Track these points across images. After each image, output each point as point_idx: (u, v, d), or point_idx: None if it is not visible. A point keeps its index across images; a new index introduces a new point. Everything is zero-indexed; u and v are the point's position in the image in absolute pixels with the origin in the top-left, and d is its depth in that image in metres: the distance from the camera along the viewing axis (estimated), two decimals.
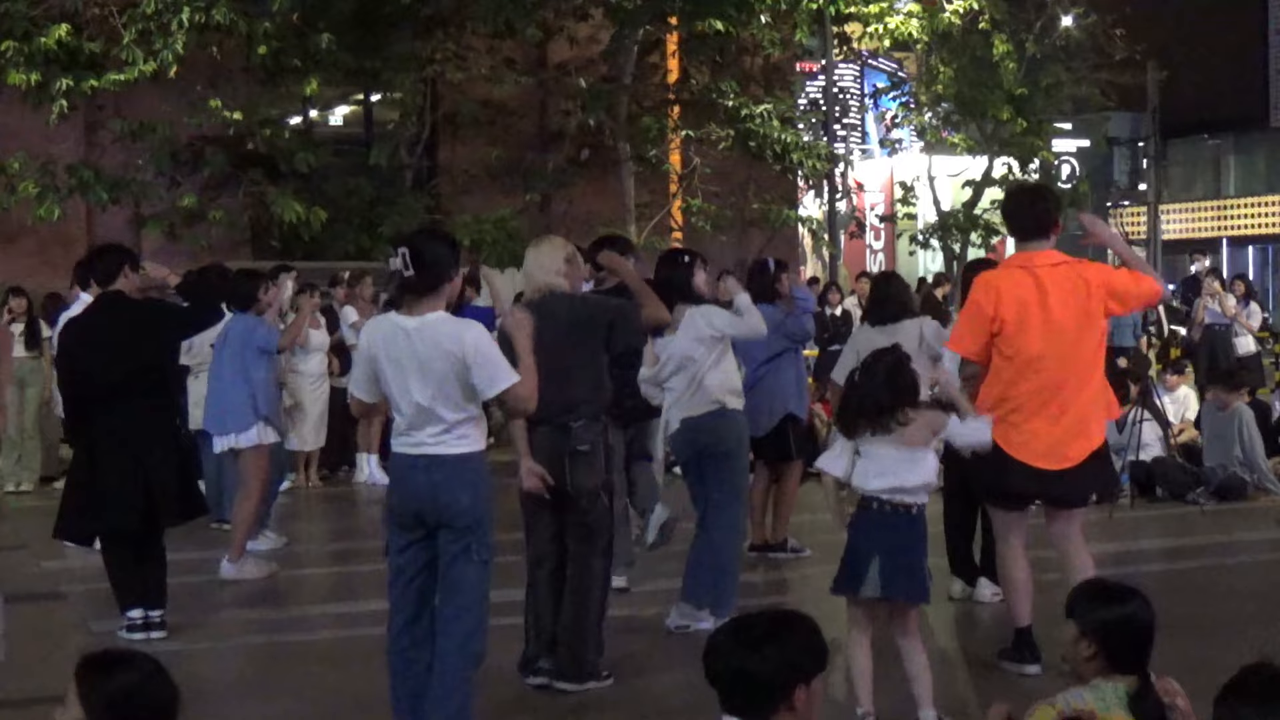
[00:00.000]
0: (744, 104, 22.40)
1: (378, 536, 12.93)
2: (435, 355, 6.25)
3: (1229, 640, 8.10)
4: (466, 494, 6.32)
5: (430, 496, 6.35)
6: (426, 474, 6.36)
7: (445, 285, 6.37)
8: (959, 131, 28.44)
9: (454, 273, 6.42)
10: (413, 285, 6.31)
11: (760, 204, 24.19)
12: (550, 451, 7.62)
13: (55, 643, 8.93)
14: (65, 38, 19.39)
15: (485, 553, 6.39)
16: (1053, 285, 7.43)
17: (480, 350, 6.24)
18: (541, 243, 8.11)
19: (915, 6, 26.28)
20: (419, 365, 6.27)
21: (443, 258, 6.37)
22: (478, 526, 6.36)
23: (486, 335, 6.37)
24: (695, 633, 8.54)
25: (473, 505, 6.34)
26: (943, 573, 9.42)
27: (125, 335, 8.78)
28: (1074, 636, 4.59)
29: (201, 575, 10.77)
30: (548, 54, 23.48)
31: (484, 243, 20.72)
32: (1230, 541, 11.91)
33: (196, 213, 20.42)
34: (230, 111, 20.00)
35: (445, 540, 6.39)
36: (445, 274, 6.36)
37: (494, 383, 6.25)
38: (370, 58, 21.12)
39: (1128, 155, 40.83)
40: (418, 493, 6.39)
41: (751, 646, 3.91)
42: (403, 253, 6.27)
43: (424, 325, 6.30)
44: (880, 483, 6.63)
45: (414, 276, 6.28)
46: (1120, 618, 4.56)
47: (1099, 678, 4.54)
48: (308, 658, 8.85)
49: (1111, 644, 4.53)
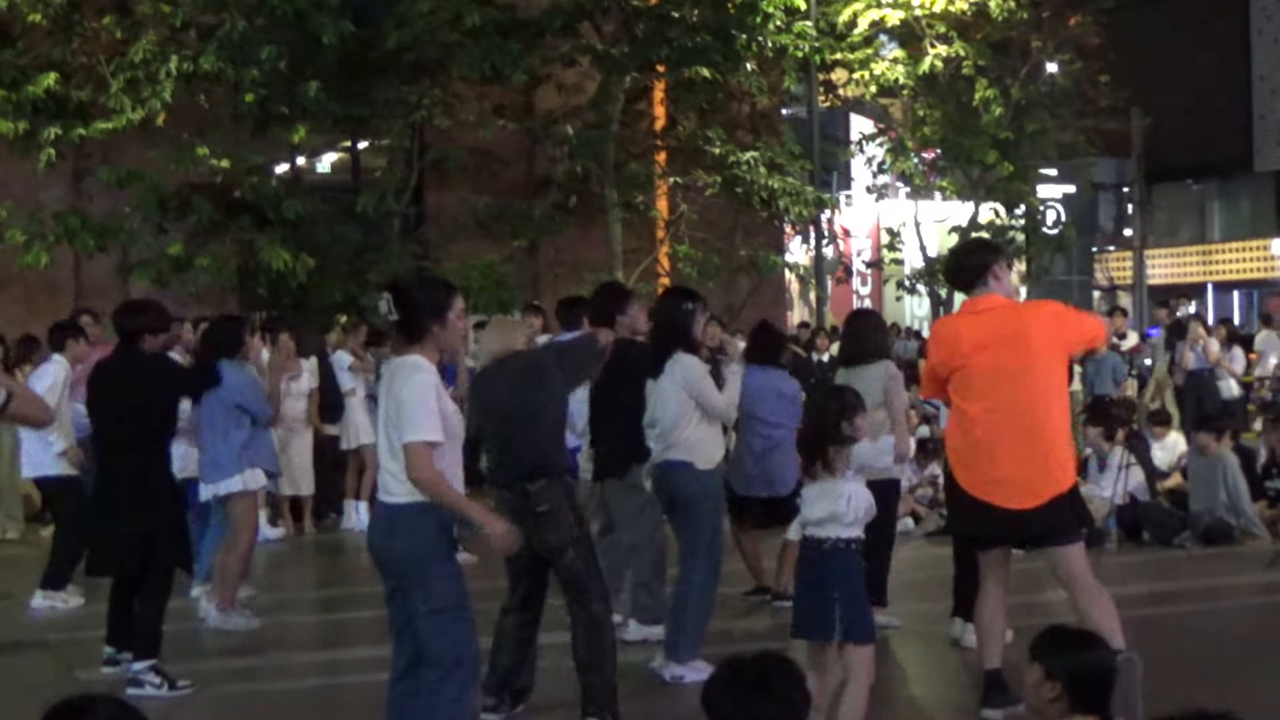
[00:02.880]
0: (731, 151, 22.49)
1: (364, 584, 12.99)
2: (386, 399, 6.30)
3: (1214, 685, 8.11)
4: (400, 542, 6.25)
5: (376, 544, 6.39)
6: (375, 521, 6.46)
7: (428, 330, 6.28)
8: (945, 177, 28.57)
9: (435, 320, 6.30)
10: (396, 328, 6.39)
11: (747, 250, 24.25)
12: (512, 516, 7.51)
13: (40, 692, 8.88)
14: (53, 86, 19.46)
15: (435, 601, 6.20)
16: (992, 329, 7.53)
17: (403, 397, 6.14)
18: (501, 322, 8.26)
19: (900, 53, 26.45)
20: (383, 408, 6.33)
21: (423, 304, 6.31)
22: (416, 575, 6.23)
23: (423, 383, 6.18)
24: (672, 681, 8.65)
25: (406, 554, 6.24)
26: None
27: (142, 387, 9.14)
28: (1038, 679, 4.67)
29: (183, 622, 10.73)
30: (535, 101, 23.58)
31: (471, 289, 20.74)
32: (1216, 586, 11.92)
33: (184, 260, 20.41)
34: (218, 159, 20.02)
35: (398, 591, 6.36)
36: (425, 320, 6.28)
37: (401, 432, 6.13)
38: (357, 105, 21.17)
39: (1113, 201, 41.01)
40: (370, 541, 6.48)
41: (760, 692, 3.93)
42: (386, 297, 6.32)
43: (390, 369, 6.42)
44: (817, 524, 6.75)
45: (397, 320, 6.31)
46: (1085, 662, 4.67)
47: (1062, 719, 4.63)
48: (294, 706, 8.83)
49: (1077, 687, 4.61)
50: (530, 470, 7.71)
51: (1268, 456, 15.12)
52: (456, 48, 20.94)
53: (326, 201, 22.00)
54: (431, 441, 6.08)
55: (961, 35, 26.11)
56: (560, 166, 23.12)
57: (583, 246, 23.39)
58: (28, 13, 19.45)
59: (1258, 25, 39.63)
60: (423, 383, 6.16)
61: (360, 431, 15.95)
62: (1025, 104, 27.82)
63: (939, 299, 28.39)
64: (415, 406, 6.11)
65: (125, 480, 9.04)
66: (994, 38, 26.63)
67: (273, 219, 20.70)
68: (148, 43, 19.60)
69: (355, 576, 13.76)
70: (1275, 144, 39.36)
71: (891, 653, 9.37)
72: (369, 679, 9.21)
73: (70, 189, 21.53)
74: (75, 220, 20.11)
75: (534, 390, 7.82)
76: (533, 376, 7.85)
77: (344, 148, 24.46)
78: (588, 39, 21.96)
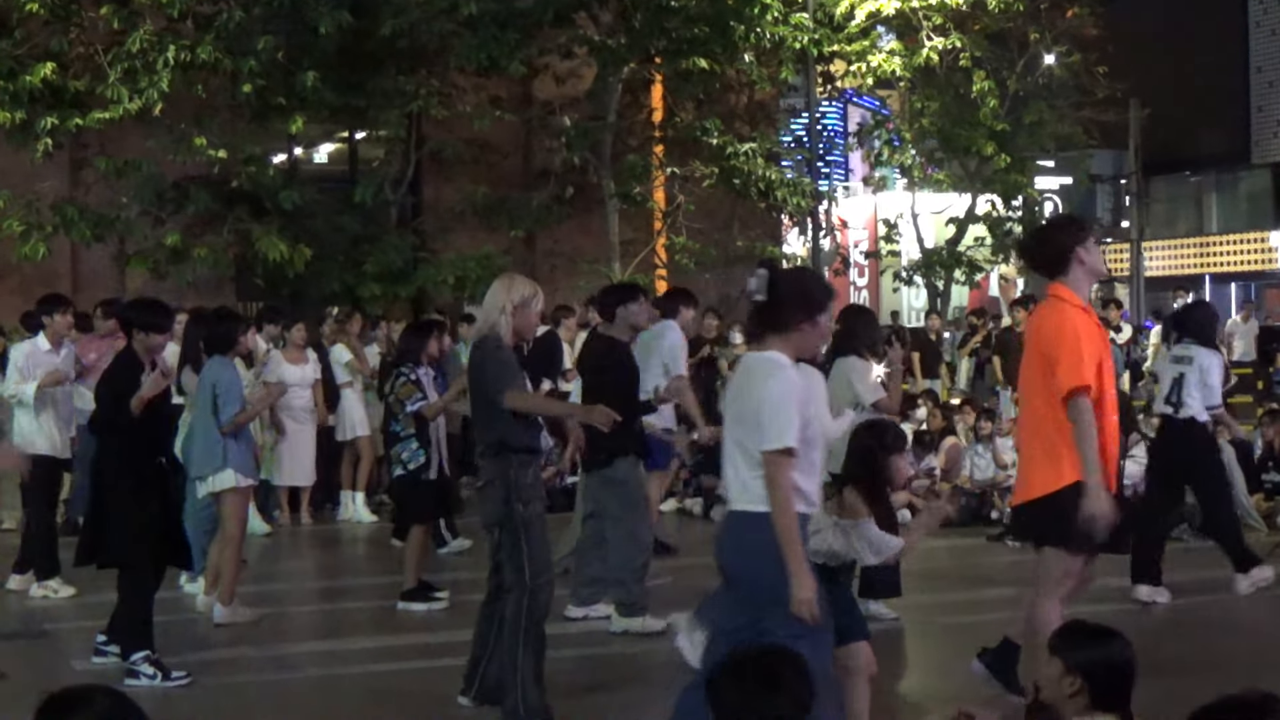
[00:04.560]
0: (728, 141, 22.48)
1: (361, 575, 12.99)
2: (741, 397, 5.82)
3: (1212, 677, 8.10)
4: (752, 554, 5.78)
5: (726, 555, 5.94)
6: (725, 531, 5.99)
7: (795, 326, 5.78)
8: (943, 169, 28.56)
9: (806, 317, 5.78)
10: (758, 311, 5.86)
11: (744, 241, 24.25)
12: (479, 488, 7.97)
13: (38, 681, 8.89)
14: (50, 76, 19.44)
15: (793, 626, 5.57)
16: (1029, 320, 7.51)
17: (762, 398, 5.67)
18: (499, 281, 8.12)
19: (897, 45, 26.43)
20: (736, 407, 5.86)
21: (797, 296, 5.83)
22: (770, 593, 5.69)
23: (786, 385, 5.69)
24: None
25: (759, 568, 5.72)
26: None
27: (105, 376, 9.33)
28: (1058, 673, 4.60)
29: (180, 614, 10.73)
30: (532, 92, 23.56)
31: (468, 280, 20.75)
32: (1213, 578, 11.90)
33: (181, 251, 20.41)
34: (215, 150, 20.01)
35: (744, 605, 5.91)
36: (794, 313, 5.78)
37: (761, 438, 5.66)
38: (355, 95, 21.16)
39: (1110, 192, 40.93)
40: (719, 550, 6.01)
41: (766, 686, 3.94)
42: (761, 274, 5.81)
43: (746, 364, 5.96)
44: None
45: (761, 303, 5.82)
46: (1107, 657, 4.59)
47: (1081, 716, 4.56)
48: (292, 697, 8.84)
49: (1098, 683, 4.55)
50: (488, 444, 7.82)
51: (1264, 449, 15.14)
52: (453, 38, 20.94)
53: (324, 192, 22.01)
54: (790, 449, 5.64)
55: (959, 27, 26.11)
56: (557, 157, 23.11)
57: (580, 237, 23.39)
58: (25, 2, 19.42)
59: (1255, 17, 39.58)
60: (785, 384, 5.71)
61: (356, 423, 15.97)
62: (1022, 95, 27.81)
63: (936, 290, 28.40)
64: (776, 410, 5.64)
65: (106, 469, 9.10)
66: (991, 29, 26.64)
67: (270, 209, 20.72)
68: (145, 33, 19.58)
69: (352, 567, 13.79)
70: (1273, 136, 39.33)
71: (888, 645, 9.38)
72: (367, 669, 9.26)
73: (67, 179, 21.50)
74: (72, 210, 20.11)
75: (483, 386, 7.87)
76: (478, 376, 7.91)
77: (341, 138, 24.47)
78: (585, 30, 21.95)
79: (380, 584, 11.92)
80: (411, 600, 11.13)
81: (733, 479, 5.83)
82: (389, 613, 11.10)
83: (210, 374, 10.72)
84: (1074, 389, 6.93)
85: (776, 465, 5.62)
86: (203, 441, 10.68)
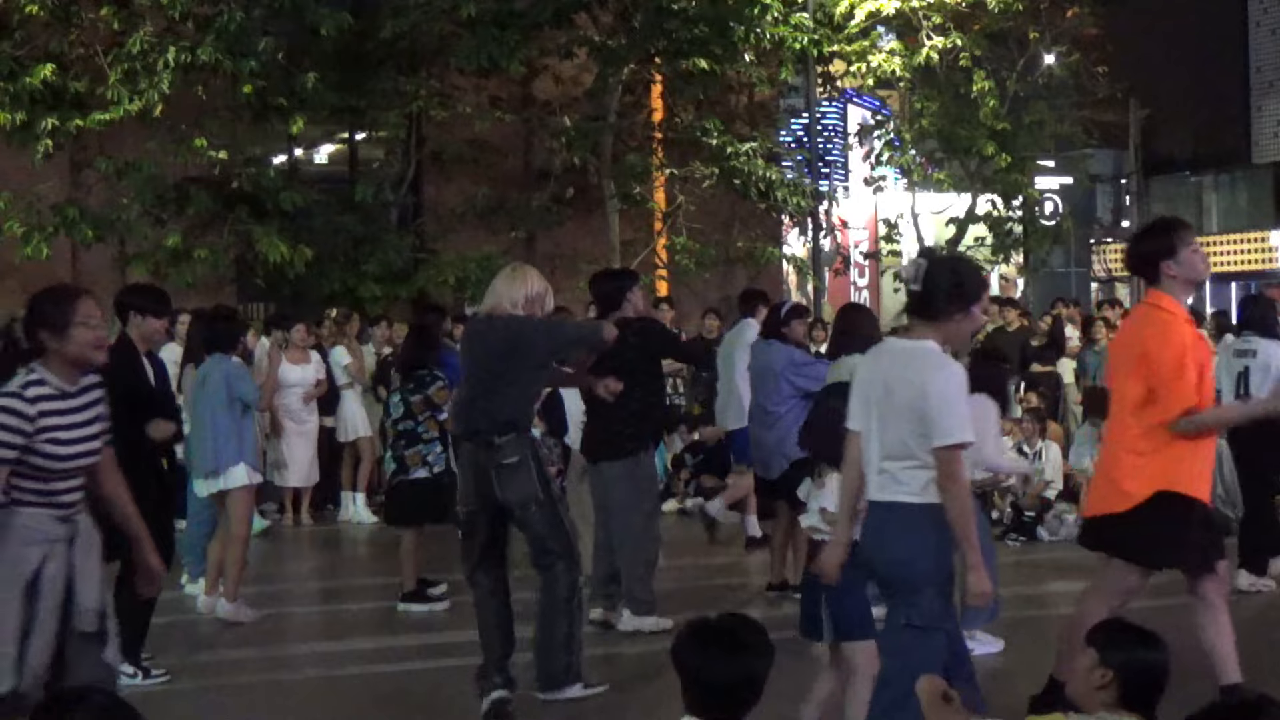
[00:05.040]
0: (728, 142, 22.47)
1: (362, 575, 13.00)
2: (900, 387, 5.77)
3: (1213, 678, 8.10)
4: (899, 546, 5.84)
5: (870, 545, 6.00)
6: (873, 521, 5.96)
7: (949, 315, 5.79)
8: (942, 168, 28.55)
9: (960, 307, 5.81)
10: (913, 299, 5.89)
11: (745, 241, 24.25)
12: (477, 467, 7.73)
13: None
14: (50, 77, 19.43)
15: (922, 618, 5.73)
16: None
17: (932, 392, 5.69)
18: (514, 271, 8.13)
19: (897, 44, 26.43)
20: (888, 398, 5.81)
21: (951, 286, 5.81)
22: (908, 585, 5.80)
23: (957, 379, 5.77)
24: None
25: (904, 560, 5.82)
26: None
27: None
28: (1091, 665, 4.58)
29: (179, 614, 10.74)
30: (532, 92, 23.56)
31: (469, 281, 20.76)
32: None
33: (182, 252, 20.40)
34: (215, 151, 20.02)
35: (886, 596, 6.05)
36: (948, 303, 5.79)
37: (937, 433, 5.66)
38: (355, 96, 21.17)
39: (1110, 192, 40.93)
40: (864, 540, 6.07)
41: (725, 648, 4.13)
42: (919, 263, 5.85)
43: (906, 352, 5.90)
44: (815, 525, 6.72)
45: (916, 291, 5.84)
46: (1144, 659, 4.58)
47: (1105, 710, 4.54)
48: (291, 697, 8.84)
49: (1130, 681, 4.53)
50: (501, 424, 7.78)
51: None
52: (453, 39, 20.95)
53: (324, 193, 21.99)
54: (966, 443, 5.70)
55: (958, 27, 26.08)
56: (558, 158, 23.10)
57: (580, 238, 23.39)
58: (25, 4, 19.41)
59: (1255, 17, 39.56)
60: (955, 377, 5.75)
61: (356, 424, 15.98)
62: (1022, 95, 27.80)
63: None
64: (948, 404, 5.67)
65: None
66: (991, 29, 26.59)
67: (270, 210, 20.72)
68: (145, 34, 19.57)
69: (353, 568, 13.80)
70: (1273, 136, 39.31)
71: None
72: (367, 670, 9.27)
73: (68, 180, 21.49)
74: (73, 211, 20.10)
75: (519, 358, 7.86)
76: (520, 348, 7.87)
77: (341, 139, 24.47)
78: (585, 30, 21.95)
79: (381, 585, 11.92)
80: (412, 601, 11.14)
81: (876, 468, 5.82)
82: (389, 613, 11.11)
83: (216, 369, 10.71)
84: (1184, 411, 6.92)
85: (953, 459, 5.63)
86: (213, 438, 10.67)
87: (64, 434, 5.61)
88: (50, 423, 5.56)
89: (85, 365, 5.71)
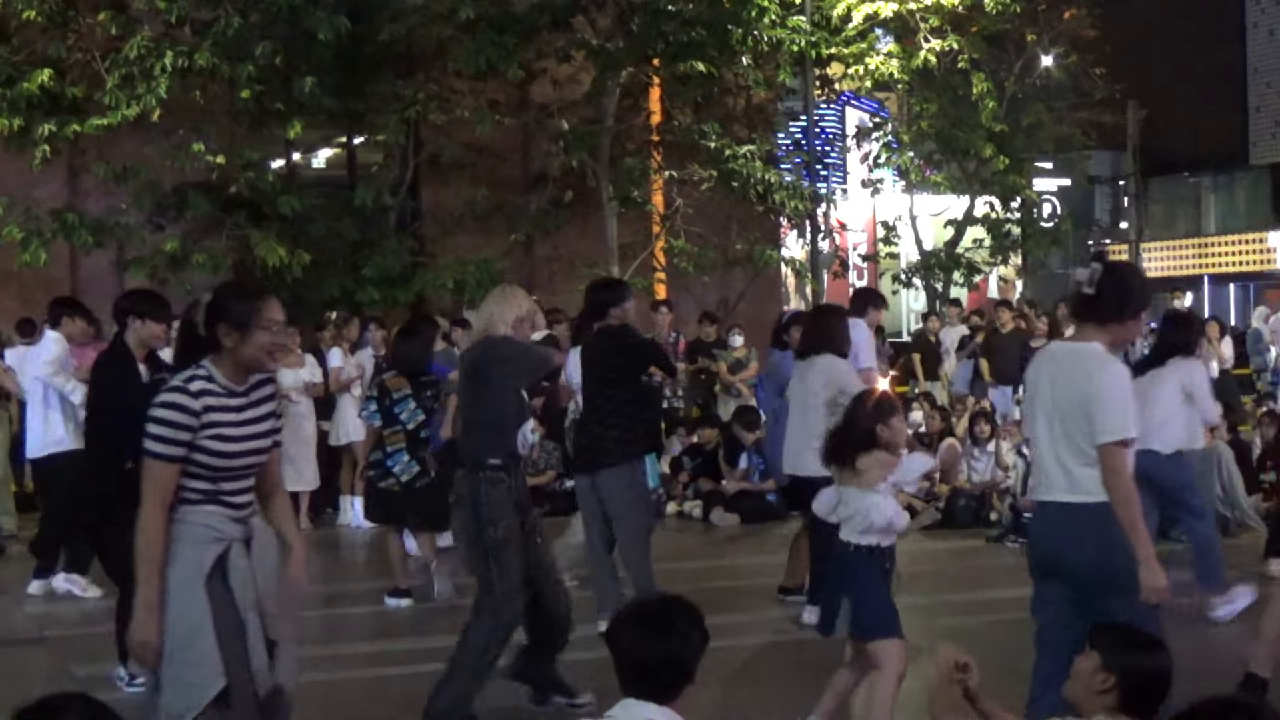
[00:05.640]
0: (726, 144, 22.47)
1: (360, 579, 12.97)
2: (1066, 388, 5.97)
3: (1216, 679, 8.09)
4: (1090, 546, 5.94)
5: (1047, 547, 6.13)
6: (1046, 523, 6.14)
7: (1115, 320, 6.00)
8: (941, 170, 28.57)
9: (1128, 312, 6.03)
10: (1076, 303, 6.12)
11: (743, 244, 24.24)
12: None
13: (36, 688, 8.87)
14: (48, 83, 19.46)
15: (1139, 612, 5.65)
16: None
17: (1095, 392, 5.87)
18: (503, 292, 8.14)
19: (895, 47, 26.44)
20: (1054, 399, 6.01)
21: (1119, 293, 6.03)
22: (1114, 581, 5.85)
23: (1122, 378, 5.95)
24: None
25: (1102, 559, 5.88)
26: None
27: None
28: (1094, 668, 4.59)
29: None
30: (530, 96, 23.55)
31: (467, 285, 20.76)
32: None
33: (180, 257, 20.40)
34: (213, 155, 20.03)
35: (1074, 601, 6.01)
36: (1117, 310, 6.01)
37: (1102, 430, 5.85)
38: (353, 100, 21.18)
39: (1109, 194, 41.01)
40: (1038, 542, 6.21)
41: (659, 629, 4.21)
42: (1096, 268, 6.01)
43: (1074, 355, 6.07)
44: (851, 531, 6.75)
45: (1084, 297, 6.04)
46: (1148, 665, 4.59)
47: (1104, 714, 4.55)
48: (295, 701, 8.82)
49: (1132, 686, 4.54)
50: (461, 456, 7.90)
51: (1263, 449, 15.14)
52: (451, 43, 20.95)
53: (322, 197, 22.00)
54: (1129, 440, 5.86)
55: (956, 29, 26.11)
56: (556, 161, 23.09)
57: (579, 241, 23.38)
58: (22, 9, 19.44)
59: (1252, 18, 39.64)
60: (1119, 376, 5.94)
61: (352, 428, 15.95)
62: (1020, 97, 27.83)
63: (935, 293, 28.39)
64: (1111, 402, 5.85)
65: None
66: (989, 31, 26.63)
67: (268, 214, 20.72)
68: (143, 39, 19.59)
69: (351, 572, 13.77)
70: (1271, 137, 39.38)
71: None
72: (365, 674, 9.26)
73: (66, 185, 21.50)
74: (72, 217, 20.11)
75: (476, 386, 7.92)
76: (477, 374, 7.94)
77: (339, 143, 24.46)
78: (583, 33, 21.95)
79: (379, 589, 11.90)
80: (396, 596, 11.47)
81: (1052, 470, 5.98)
82: (387, 617, 11.11)
83: None
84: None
85: (1118, 456, 5.79)
86: None
87: (231, 431, 5.41)
88: (216, 418, 5.36)
89: (258, 369, 5.52)
